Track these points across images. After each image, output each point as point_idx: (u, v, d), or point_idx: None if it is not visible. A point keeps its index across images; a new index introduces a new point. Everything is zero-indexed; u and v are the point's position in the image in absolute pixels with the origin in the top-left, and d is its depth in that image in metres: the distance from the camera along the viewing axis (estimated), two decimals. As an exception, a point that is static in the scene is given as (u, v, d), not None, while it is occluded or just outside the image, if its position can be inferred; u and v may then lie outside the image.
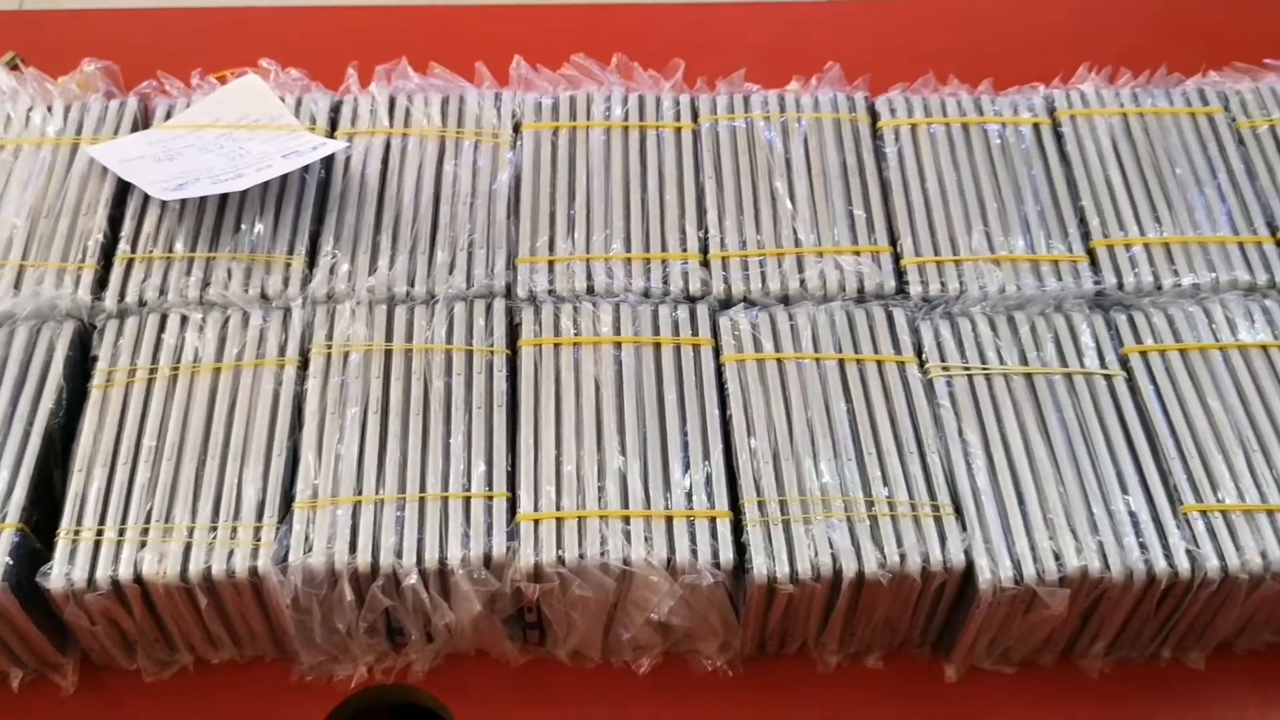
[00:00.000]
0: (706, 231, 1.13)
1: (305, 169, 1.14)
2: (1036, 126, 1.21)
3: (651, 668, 1.01)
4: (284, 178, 1.14)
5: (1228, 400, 1.03)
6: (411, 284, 1.09)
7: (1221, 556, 0.95)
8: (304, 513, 0.95)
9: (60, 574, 0.92)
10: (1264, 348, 1.06)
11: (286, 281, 1.08)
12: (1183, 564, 0.94)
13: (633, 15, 1.41)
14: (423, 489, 0.97)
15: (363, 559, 0.93)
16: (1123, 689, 1.02)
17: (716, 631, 0.98)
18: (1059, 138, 1.21)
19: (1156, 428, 1.02)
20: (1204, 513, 0.97)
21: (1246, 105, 1.23)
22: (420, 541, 0.94)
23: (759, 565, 0.93)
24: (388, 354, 1.04)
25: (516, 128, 1.20)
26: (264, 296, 1.08)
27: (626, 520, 0.95)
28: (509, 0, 1.41)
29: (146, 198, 1.12)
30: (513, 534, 0.95)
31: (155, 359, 1.04)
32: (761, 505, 0.96)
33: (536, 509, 0.96)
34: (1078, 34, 1.42)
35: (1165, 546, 0.95)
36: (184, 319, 1.05)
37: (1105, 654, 1.02)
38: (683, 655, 1.02)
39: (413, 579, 0.92)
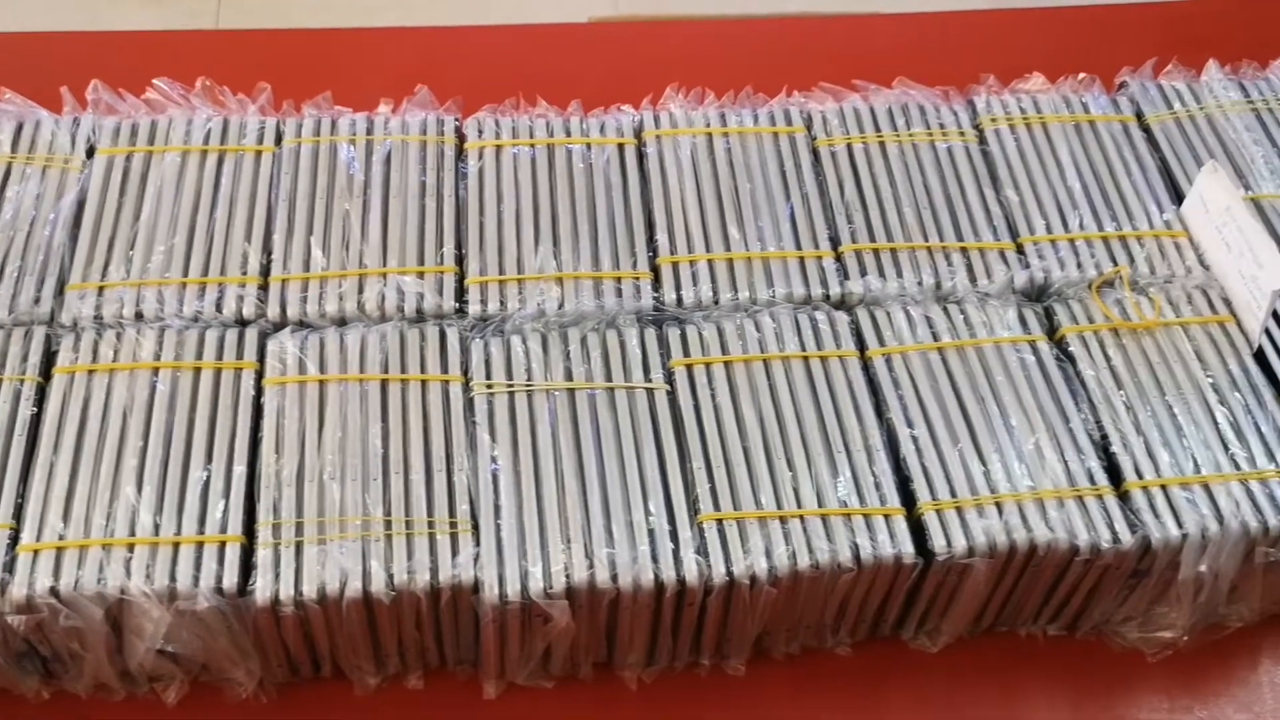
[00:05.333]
0: (270, 254, 1.12)
1: None
2: (621, 147, 1.23)
3: (182, 697, 0.99)
4: None
5: (763, 410, 1.06)
6: (-50, 314, 1.06)
7: (729, 563, 0.97)
8: None
9: None
10: (805, 358, 1.09)
11: None
12: (690, 572, 0.96)
13: (217, 41, 1.41)
14: (-79, 523, 0.94)
15: None
16: (664, 697, 1.04)
17: (236, 659, 0.97)
18: (642, 158, 1.23)
19: (689, 439, 1.04)
20: (719, 521, 0.99)
21: (828, 124, 1.27)
22: (-94, 578, 0.91)
23: (261, 588, 0.93)
24: (-91, 386, 1.01)
25: (91, 153, 1.18)
26: None
27: (131, 549, 0.94)
28: (92, 27, 1.39)
29: None
30: (10, 565, 0.93)
31: None
32: (276, 528, 0.96)
33: (39, 539, 0.94)
34: (669, 59, 1.45)
35: (676, 556, 0.97)
36: None
37: (645, 665, 1.04)
38: (217, 684, 1.00)
39: (-120, 617, 0.90)
